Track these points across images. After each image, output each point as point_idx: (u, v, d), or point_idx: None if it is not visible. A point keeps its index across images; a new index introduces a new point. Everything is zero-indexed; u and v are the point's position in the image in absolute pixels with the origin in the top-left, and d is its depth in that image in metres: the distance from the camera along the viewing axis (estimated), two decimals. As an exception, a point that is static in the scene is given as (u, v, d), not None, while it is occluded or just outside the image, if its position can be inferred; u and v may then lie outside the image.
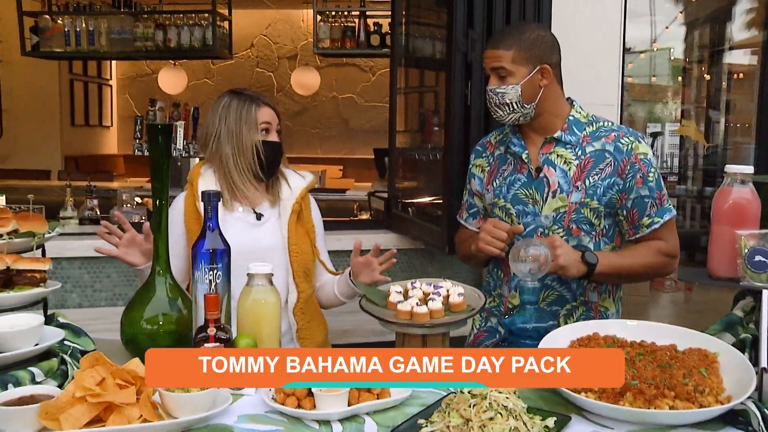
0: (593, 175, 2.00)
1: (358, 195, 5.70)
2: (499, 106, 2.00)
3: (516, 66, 1.96)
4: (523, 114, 2.00)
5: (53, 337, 1.58)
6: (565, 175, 2.01)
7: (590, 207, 2.00)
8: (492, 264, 2.18)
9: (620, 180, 2.00)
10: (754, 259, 1.57)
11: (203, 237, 1.67)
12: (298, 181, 2.33)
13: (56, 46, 5.74)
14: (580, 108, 2.10)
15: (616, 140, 2.02)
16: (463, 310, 1.67)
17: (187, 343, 1.71)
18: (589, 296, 2.07)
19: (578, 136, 2.04)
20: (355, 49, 5.86)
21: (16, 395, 1.35)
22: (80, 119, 8.60)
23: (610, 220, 2.05)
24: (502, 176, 2.11)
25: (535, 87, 1.98)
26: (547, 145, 2.05)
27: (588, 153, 2.02)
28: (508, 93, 1.97)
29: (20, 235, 1.73)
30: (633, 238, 2.06)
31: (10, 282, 1.64)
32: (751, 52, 6.71)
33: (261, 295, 1.67)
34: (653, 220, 2.02)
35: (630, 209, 2.02)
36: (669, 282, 5.81)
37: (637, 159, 2.00)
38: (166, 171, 1.76)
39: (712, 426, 1.38)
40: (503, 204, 2.08)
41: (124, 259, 2.03)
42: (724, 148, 7.12)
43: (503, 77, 1.97)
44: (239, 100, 2.22)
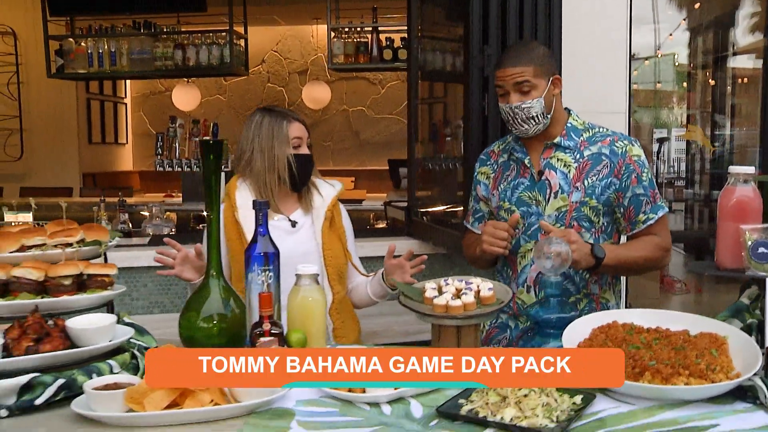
0: (591, 176, 2.16)
1: (374, 205, 5.88)
2: (525, 120, 2.13)
3: (538, 80, 2.11)
4: (543, 124, 2.15)
5: (124, 334, 1.75)
6: (565, 177, 2.17)
7: (590, 205, 2.15)
8: (500, 263, 2.33)
9: (617, 180, 2.16)
10: (758, 251, 1.73)
11: (255, 242, 1.84)
12: (329, 189, 2.49)
13: (80, 67, 5.95)
14: (577, 116, 2.27)
15: (612, 144, 2.19)
16: (493, 303, 1.83)
17: (241, 340, 1.87)
18: (591, 288, 2.21)
19: (576, 141, 2.20)
20: (369, 63, 6.05)
21: (103, 382, 1.53)
22: (97, 137, 8.81)
23: (609, 218, 2.21)
24: (507, 181, 2.26)
25: (551, 97, 2.15)
26: (547, 150, 2.21)
27: (586, 156, 2.18)
28: (534, 106, 2.11)
29: (87, 244, 1.90)
30: (630, 234, 2.22)
31: (83, 285, 1.81)
32: (756, 56, 6.84)
33: (309, 293, 1.83)
34: (648, 216, 2.18)
35: (627, 207, 2.18)
36: (679, 285, 5.94)
37: (631, 160, 2.17)
38: (217, 184, 1.92)
39: (722, 400, 1.54)
40: (508, 206, 2.23)
41: (181, 276, 2.18)
42: (730, 152, 7.25)
43: (526, 92, 2.11)
44: (271, 117, 2.38)
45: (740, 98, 7.36)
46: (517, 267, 2.23)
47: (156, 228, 4.02)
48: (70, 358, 1.60)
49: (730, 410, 1.51)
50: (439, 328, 1.82)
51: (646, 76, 8.69)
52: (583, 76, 3.03)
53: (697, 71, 7.99)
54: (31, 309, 1.67)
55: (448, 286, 1.86)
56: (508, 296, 1.87)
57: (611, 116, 3.25)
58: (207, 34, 5.93)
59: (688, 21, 7.82)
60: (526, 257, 2.21)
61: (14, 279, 1.72)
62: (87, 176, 8.47)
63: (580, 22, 3.05)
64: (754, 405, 1.53)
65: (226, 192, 2.43)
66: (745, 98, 7.27)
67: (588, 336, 1.74)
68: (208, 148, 1.92)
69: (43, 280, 1.75)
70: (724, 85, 7.40)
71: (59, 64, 5.95)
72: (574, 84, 2.87)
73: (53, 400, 1.54)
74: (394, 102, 9.16)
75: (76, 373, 1.57)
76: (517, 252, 2.23)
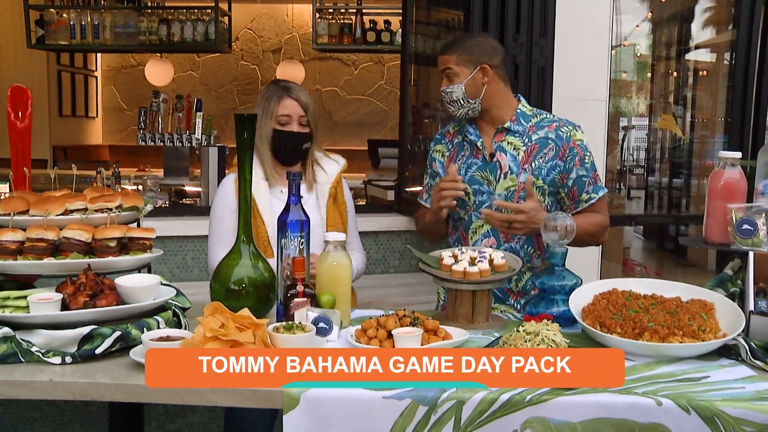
0: (538, 158, 2.36)
1: (353, 184, 6.01)
2: (449, 103, 2.37)
3: (459, 68, 2.33)
4: (470, 108, 2.36)
5: (166, 294, 1.88)
6: (514, 159, 2.37)
7: (536, 185, 2.35)
8: (453, 238, 2.50)
9: (561, 162, 2.37)
10: (742, 228, 1.95)
11: (287, 210, 1.98)
12: (333, 165, 2.59)
13: (61, 39, 5.92)
14: (526, 103, 2.46)
15: (557, 129, 2.39)
16: (506, 270, 2.01)
17: (269, 303, 2.01)
18: (534, 263, 2.41)
19: (525, 126, 2.40)
20: (353, 45, 6.16)
21: (157, 335, 1.66)
22: (67, 110, 8.73)
23: (552, 198, 2.40)
24: (461, 161, 2.45)
25: (478, 85, 2.34)
26: (498, 134, 2.41)
27: (533, 140, 2.38)
28: (454, 91, 2.34)
29: (126, 209, 2.02)
30: (574, 212, 2.41)
31: (125, 248, 1.93)
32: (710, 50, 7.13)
33: (336, 259, 1.98)
34: (591, 195, 2.40)
35: (570, 187, 2.39)
36: (639, 268, 6.24)
37: (575, 144, 2.38)
38: (250, 155, 2.04)
39: (711, 357, 1.76)
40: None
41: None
42: (690, 141, 7.56)
43: (450, 78, 2.34)
44: (269, 92, 2.46)
45: (700, 90, 7.65)
46: (469, 242, 2.43)
47: (152, 200, 4.09)
48: (124, 312, 1.73)
49: (717, 365, 1.73)
50: (456, 293, 1.99)
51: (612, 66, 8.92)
52: (572, 66, 3.22)
53: (659, 62, 8.27)
54: (84, 268, 1.79)
55: (464, 255, 2.04)
56: (518, 264, 2.05)
57: (594, 104, 3.46)
58: (192, 9, 5.96)
59: (652, 13, 8.09)
60: (478, 232, 2.41)
61: (65, 240, 1.83)
62: (57, 149, 8.40)
63: (571, 11, 3.22)
64: (737, 361, 1.76)
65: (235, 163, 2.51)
66: (704, 90, 7.57)
67: (591, 301, 1.93)
68: (242, 121, 2.03)
69: (90, 241, 1.86)
70: (684, 77, 7.69)
71: (39, 35, 5.90)
72: (566, 72, 3.05)
73: (110, 351, 1.67)
74: (367, 83, 9.27)
75: (130, 326, 1.71)
76: (468, 228, 2.43)
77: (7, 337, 1.63)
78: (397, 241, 3.84)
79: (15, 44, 6.82)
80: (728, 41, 4.69)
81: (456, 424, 1.50)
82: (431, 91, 4.43)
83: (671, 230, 6.82)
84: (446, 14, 3.75)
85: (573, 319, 1.90)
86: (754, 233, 1.93)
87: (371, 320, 1.79)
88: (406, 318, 1.79)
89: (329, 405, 1.51)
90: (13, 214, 1.88)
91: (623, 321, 1.80)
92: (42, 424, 3.06)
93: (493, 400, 1.50)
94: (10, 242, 1.82)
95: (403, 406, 1.50)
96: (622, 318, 1.80)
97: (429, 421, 1.50)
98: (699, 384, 1.61)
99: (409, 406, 1.50)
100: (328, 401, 1.51)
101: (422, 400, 1.50)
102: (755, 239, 1.94)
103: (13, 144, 2.21)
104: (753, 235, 1.94)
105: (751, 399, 1.53)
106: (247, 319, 1.70)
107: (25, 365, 1.63)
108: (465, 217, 2.43)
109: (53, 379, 1.57)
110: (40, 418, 3.05)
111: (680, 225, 6.48)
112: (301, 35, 9.02)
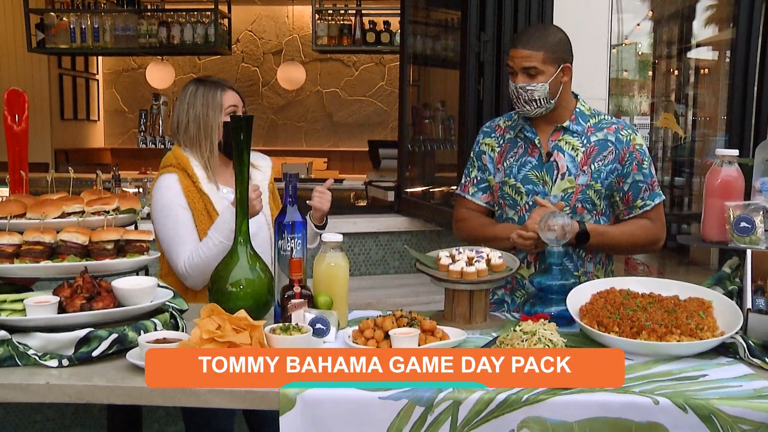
0: (598, 160, 2.30)
1: (353, 185, 6.03)
2: (527, 102, 2.24)
3: (546, 66, 2.21)
4: (546, 108, 2.27)
5: (164, 296, 1.88)
6: (573, 159, 2.30)
7: (594, 189, 2.29)
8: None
9: (620, 166, 2.30)
10: (740, 225, 1.94)
11: (284, 212, 1.98)
12: (263, 162, 2.54)
13: (61, 42, 5.94)
14: (584, 101, 2.39)
15: (617, 132, 2.33)
16: (503, 270, 2.01)
17: (266, 304, 2.01)
18: (587, 267, 2.36)
19: (583, 126, 2.33)
20: (352, 46, 6.16)
21: (153, 337, 1.67)
22: (69, 113, 8.74)
23: (607, 201, 2.35)
24: (514, 158, 2.36)
25: (558, 84, 2.26)
26: (556, 132, 2.33)
27: (593, 141, 2.31)
28: (537, 90, 2.22)
29: (123, 212, 2.02)
30: (626, 218, 2.35)
31: (122, 250, 1.93)
32: (712, 48, 7.11)
33: (333, 260, 1.98)
34: (645, 202, 2.33)
35: (626, 192, 2.32)
36: (642, 267, 6.23)
37: (634, 149, 2.31)
38: (247, 156, 2.03)
39: (708, 356, 1.75)
40: (513, 183, 2.34)
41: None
42: (692, 140, 7.55)
43: (533, 75, 2.22)
44: (205, 87, 2.40)
45: (701, 88, 7.64)
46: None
47: (151, 202, 4.10)
48: (121, 315, 1.73)
49: (715, 363, 1.72)
50: (453, 293, 1.99)
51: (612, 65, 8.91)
52: (574, 63, 3.20)
53: (661, 61, 8.25)
54: (81, 270, 1.79)
55: (461, 255, 2.03)
56: (516, 264, 2.05)
57: (595, 102, 3.44)
58: (192, 12, 5.97)
59: (654, 12, 8.07)
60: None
61: (62, 243, 1.83)
62: (59, 152, 8.41)
63: (569, 10, 3.22)
64: (734, 359, 1.75)
65: (177, 163, 2.38)
66: (705, 88, 7.55)
67: (589, 300, 1.93)
68: (238, 123, 2.03)
69: (87, 244, 1.86)
70: (686, 75, 7.67)
71: (39, 39, 5.92)
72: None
73: (107, 353, 1.67)
74: (367, 84, 9.27)
75: (127, 329, 1.71)
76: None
77: (4, 340, 1.63)
78: (398, 242, 3.84)
79: (15, 48, 6.84)
80: (729, 39, 4.68)
81: (453, 425, 1.50)
82: (431, 91, 4.44)
83: (673, 229, 6.80)
84: (444, 14, 3.75)
85: (570, 318, 1.89)
86: (752, 231, 1.93)
87: (368, 321, 1.79)
88: (404, 318, 1.79)
89: (326, 406, 1.51)
90: (9, 217, 1.88)
91: (621, 320, 1.79)
92: (43, 427, 3.07)
93: (490, 400, 1.50)
94: (6, 245, 1.82)
95: (400, 407, 1.50)
96: (620, 317, 1.80)
97: (426, 421, 1.50)
98: (696, 382, 1.60)
99: (405, 407, 1.50)
100: (325, 402, 1.51)
101: (419, 400, 1.50)
102: (753, 237, 1.93)
103: (10, 147, 2.22)
104: (750, 233, 1.93)
105: (748, 397, 1.52)
106: (243, 320, 1.71)
107: (21, 368, 1.63)
108: (515, 217, 2.35)
109: (49, 382, 1.58)
110: (41, 421, 3.06)
111: (682, 224, 6.46)
112: (301, 37, 9.03)
